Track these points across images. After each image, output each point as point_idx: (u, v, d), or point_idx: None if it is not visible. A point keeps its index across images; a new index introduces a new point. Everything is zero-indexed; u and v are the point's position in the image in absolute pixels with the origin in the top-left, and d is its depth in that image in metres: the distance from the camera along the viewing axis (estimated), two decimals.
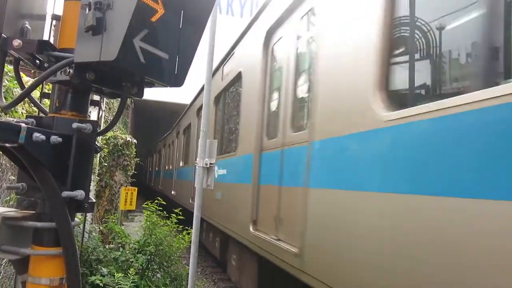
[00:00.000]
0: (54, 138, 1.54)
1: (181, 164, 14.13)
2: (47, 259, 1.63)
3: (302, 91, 4.10)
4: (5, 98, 1.82)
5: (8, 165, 4.08)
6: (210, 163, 4.28)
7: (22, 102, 4.37)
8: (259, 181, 4.93)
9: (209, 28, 4.85)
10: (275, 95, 4.85)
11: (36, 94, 2.50)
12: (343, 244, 2.94)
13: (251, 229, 4.93)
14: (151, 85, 1.76)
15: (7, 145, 1.43)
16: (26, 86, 1.68)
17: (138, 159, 11.65)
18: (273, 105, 4.94)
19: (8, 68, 4.25)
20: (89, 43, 1.47)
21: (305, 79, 4.03)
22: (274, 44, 4.96)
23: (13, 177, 4.18)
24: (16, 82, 4.26)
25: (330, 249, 3.12)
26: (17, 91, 3.97)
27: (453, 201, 1.96)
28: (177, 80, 1.74)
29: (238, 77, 6.45)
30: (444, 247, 2.00)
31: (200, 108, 8.59)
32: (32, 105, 4.45)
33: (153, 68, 1.62)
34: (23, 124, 1.42)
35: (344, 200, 2.93)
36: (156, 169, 24.68)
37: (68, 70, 1.54)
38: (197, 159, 4.35)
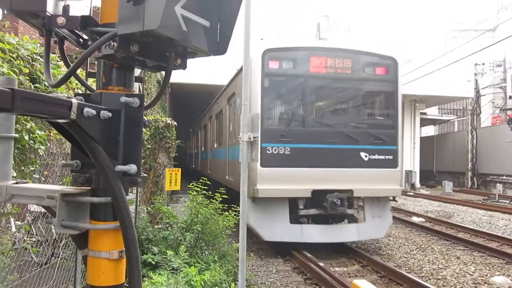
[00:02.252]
0: (104, 113, 1.54)
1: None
2: (105, 233, 1.65)
3: None
4: None
5: (58, 150, 4.22)
6: (254, 137, 4.25)
7: (68, 90, 4.48)
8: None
9: None
10: None
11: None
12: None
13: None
14: (194, 55, 1.73)
15: (59, 121, 1.44)
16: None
17: (179, 141, 11.83)
18: None
19: (51, 56, 4.35)
20: (131, 14, 1.44)
21: None
22: None
23: (64, 162, 4.34)
24: (59, 69, 4.38)
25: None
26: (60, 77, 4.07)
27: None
28: (219, 48, 1.71)
29: None
30: None
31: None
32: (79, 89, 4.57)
33: (196, 36, 1.59)
34: (74, 100, 1.42)
35: None
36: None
37: (112, 44, 1.52)
38: (240, 134, 4.35)
